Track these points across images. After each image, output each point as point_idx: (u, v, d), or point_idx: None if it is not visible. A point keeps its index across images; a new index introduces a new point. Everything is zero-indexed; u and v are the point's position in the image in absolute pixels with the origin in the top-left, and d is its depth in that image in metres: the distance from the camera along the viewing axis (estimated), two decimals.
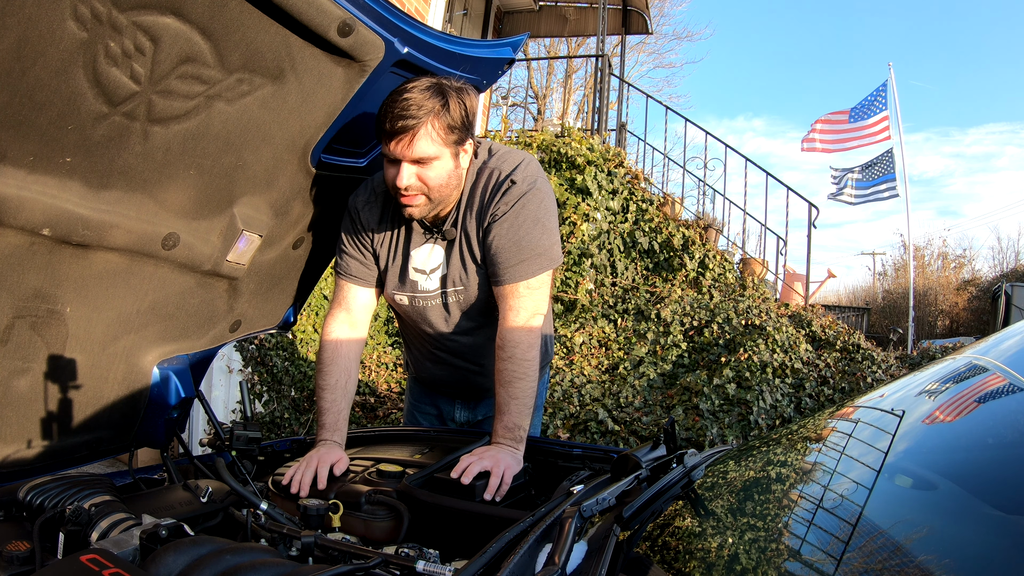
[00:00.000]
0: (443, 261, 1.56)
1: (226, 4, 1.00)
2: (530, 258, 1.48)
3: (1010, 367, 1.04)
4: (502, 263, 1.48)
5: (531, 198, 1.47)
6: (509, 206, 1.46)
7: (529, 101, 17.47)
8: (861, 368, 4.68)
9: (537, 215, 1.48)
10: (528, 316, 1.49)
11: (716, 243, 6.11)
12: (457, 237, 1.52)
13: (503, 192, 1.46)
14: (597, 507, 0.93)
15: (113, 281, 1.29)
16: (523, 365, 1.46)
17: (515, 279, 1.48)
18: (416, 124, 1.33)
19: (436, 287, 1.58)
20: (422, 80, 1.35)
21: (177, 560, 0.83)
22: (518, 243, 1.47)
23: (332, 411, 1.57)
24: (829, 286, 13.33)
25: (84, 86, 0.96)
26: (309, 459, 1.43)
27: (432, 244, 1.56)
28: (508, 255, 1.47)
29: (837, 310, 13.93)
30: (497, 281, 1.51)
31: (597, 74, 7.58)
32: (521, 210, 1.46)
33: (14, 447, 1.35)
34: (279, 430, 4.62)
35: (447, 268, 1.56)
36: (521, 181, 1.47)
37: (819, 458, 1.12)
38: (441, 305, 1.62)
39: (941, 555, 0.67)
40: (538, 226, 1.48)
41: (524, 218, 1.47)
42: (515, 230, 1.47)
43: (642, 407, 4.43)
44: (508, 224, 1.47)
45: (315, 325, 4.90)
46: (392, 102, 1.34)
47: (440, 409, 1.95)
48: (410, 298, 1.62)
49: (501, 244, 1.47)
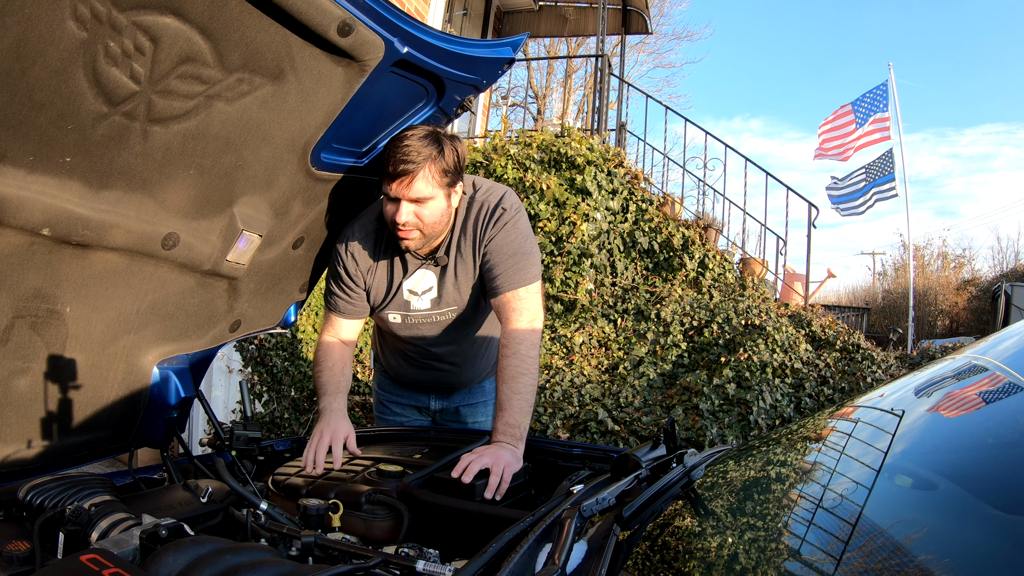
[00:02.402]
0: (435, 284, 1.74)
1: (226, 4, 1.00)
2: (526, 266, 1.67)
3: (1010, 367, 1.04)
4: (501, 273, 1.65)
5: (518, 220, 1.70)
6: (501, 228, 1.67)
7: (529, 101, 17.48)
8: (861, 368, 4.68)
9: (525, 232, 1.70)
10: (530, 317, 1.64)
11: (716, 243, 6.10)
12: (451, 263, 1.71)
13: (496, 219, 1.67)
14: (597, 507, 0.93)
15: (113, 281, 1.29)
16: (527, 361, 1.58)
17: (515, 285, 1.65)
18: (415, 168, 1.50)
19: (428, 307, 1.77)
20: (419, 129, 1.54)
21: (177, 560, 0.83)
22: (514, 255, 1.66)
23: (332, 382, 1.71)
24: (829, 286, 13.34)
25: (84, 86, 0.96)
26: (321, 434, 1.56)
27: (425, 270, 1.74)
28: (506, 266, 1.66)
29: (837, 310, 13.93)
30: (497, 291, 1.66)
31: (597, 74, 7.58)
32: (512, 229, 1.68)
33: (14, 447, 1.34)
34: (279, 430, 4.62)
35: (439, 290, 1.74)
36: (508, 208, 1.69)
37: (819, 458, 1.12)
38: (432, 322, 1.79)
39: (941, 555, 0.67)
40: (528, 241, 1.70)
41: (515, 235, 1.68)
42: (509, 245, 1.67)
43: (642, 407, 4.43)
44: (502, 241, 1.67)
45: (315, 325, 4.90)
46: (394, 147, 1.50)
47: (414, 399, 2.10)
48: (403, 316, 1.79)
49: (499, 259, 1.66)
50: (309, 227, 1.66)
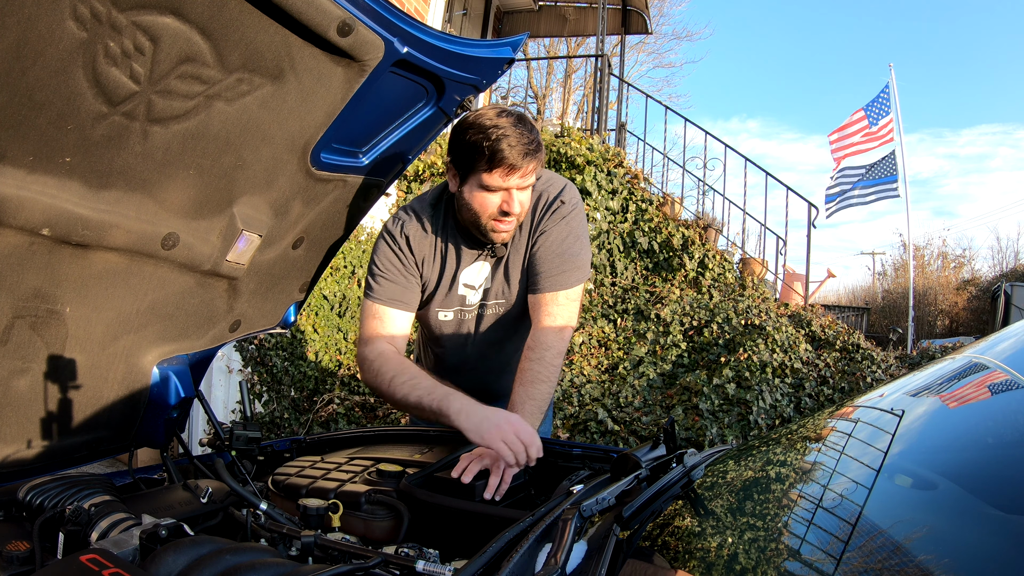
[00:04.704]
0: (488, 275, 1.65)
1: (226, 4, 1.00)
2: (571, 270, 1.59)
3: (1010, 366, 1.04)
4: (545, 272, 1.58)
5: (575, 216, 1.61)
6: (557, 222, 1.58)
7: (529, 101, 17.47)
8: (861, 368, 4.67)
9: (579, 231, 1.62)
10: (563, 324, 1.57)
11: (716, 243, 6.10)
12: (507, 254, 1.62)
13: (553, 210, 1.58)
14: (597, 507, 0.93)
15: (113, 281, 1.29)
16: (549, 368, 1.53)
17: (556, 288, 1.58)
18: (539, 155, 1.43)
19: (479, 300, 1.68)
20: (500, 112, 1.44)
21: (177, 560, 0.83)
22: (562, 255, 1.58)
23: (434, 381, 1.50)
24: (828, 286, 13.33)
25: (83, 86, 0.96)
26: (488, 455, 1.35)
27: (482, 261, 1.64)
28: (552, 265, 1.58)
29: (837, 310, 13.93)
30: (537, 289, 1.59)
31: (597, 74, 7.58)
32: (566, 226, 1.59)
33: (14, 447, 1.34)
34: (279, 430, 4.62)
35: (491, 282, 1.66)
36: (568, 201, 1.60)
37: (819, 458, 1.12)
38: (478, 317, 1.70)
39: (941, 555, 0.67)
40: (579, 241, 1.61)
41: (568, 233, 1.59)
42: (560, 243, 1.58)
43: (642, 407, 4.43)
44: (554, 237, 1.58)
45: (315, 325, 4.89)
46: (505, 136, 1.40)
47: None
48: (456, 312, 1.69)
49: (546, 255, 1.58)
50: (309, 227, 1.66)
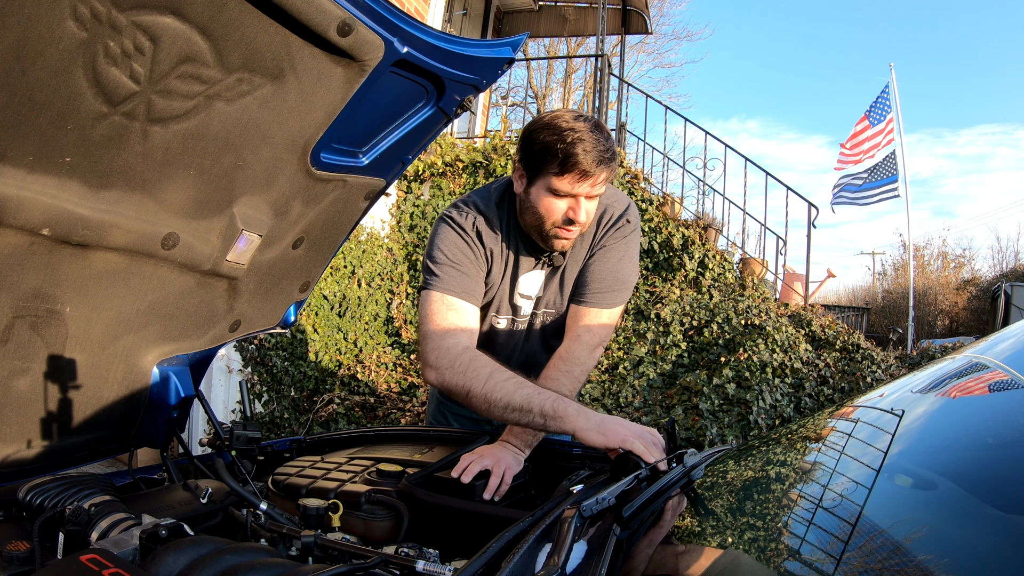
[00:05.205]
0: (542, 284, 1.62)
1: (226, 4, 1.00)
2: (620, 290, 1.58)
3: (1010, 366, 1.04)
4: (595, 288, 1.56)
5: (634, 238, 1.60)
6: (618, 241, 1.57)
7: (529, 101, 17.47)
8: (861, 368, 4.67)
9: (634, 254, 1.61)
10: (597, 341, 1.56)
11: (716, 243, 6.10)
12: (564, 264, 1.59)
13: (618, 227, 1.56)
14: (597, 507, 0.93)
15: (113, 281, 1.29)
16: (575, 384, 1.52)
17: (602, 305, 1.57)
18: (612, 165, 1.38)
19: (531, 309, 1.66)
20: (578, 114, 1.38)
21: (177, 560, 0.83)
22: (615, 274, 1.57)
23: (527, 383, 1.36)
24: (829, 286, 13.33)
25: (83, 86, 0.96)
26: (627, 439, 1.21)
27: (539, 270, 1.61)
28: (604, 283, 1.56)
29: (837, 310, 13.93)
30: (583, 301, 1.57)
31: (596, 74, 7.57)
32: (626, 247, 1.58)
33: (14, 447, 1.34)
34: (279, 430, 4.62)
35: (544, 291, 1.63)
36: (632, 222, 1.58)
37: (819, 458, 1.12)
38: (530, 325, 1.68)
39: (941, 555, 0.67)
40: (632, 264, 1.60)
41: (624, 254, 1.58)
42: (617, 261, 1.57)
43: (642, 407, 4.43)
44: (613, 255, 1.56)
45: (315, 325, 4.90)
46: (581, 140, 1.33)
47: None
48: (510, 321, 1.66)
49: (600, 270, 1.56)
50: (309, 227, 1.66)
